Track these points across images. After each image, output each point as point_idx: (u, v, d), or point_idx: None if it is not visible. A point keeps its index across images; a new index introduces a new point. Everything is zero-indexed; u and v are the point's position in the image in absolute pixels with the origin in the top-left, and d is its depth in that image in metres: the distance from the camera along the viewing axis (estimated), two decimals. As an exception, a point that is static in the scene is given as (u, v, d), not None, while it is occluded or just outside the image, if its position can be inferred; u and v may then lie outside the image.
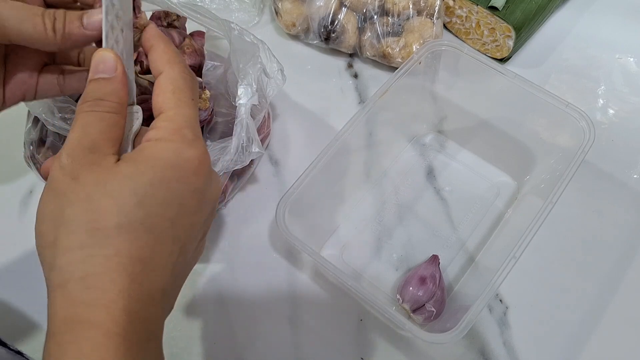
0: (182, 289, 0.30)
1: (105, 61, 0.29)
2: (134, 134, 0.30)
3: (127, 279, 0.25)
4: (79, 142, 0.27)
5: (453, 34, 0.64)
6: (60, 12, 0.31)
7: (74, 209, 0.26)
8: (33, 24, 0.30)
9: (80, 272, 0.25)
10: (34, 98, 0.35)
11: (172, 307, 0.30)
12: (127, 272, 0.25)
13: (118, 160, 0.27)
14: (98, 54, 0.29)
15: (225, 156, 0.42)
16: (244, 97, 0.42)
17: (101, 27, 0.30)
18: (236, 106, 0.43)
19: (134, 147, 0.30)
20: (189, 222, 0.28)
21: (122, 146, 0.30)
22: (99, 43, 0.31)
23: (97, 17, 0.30)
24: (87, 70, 0.36)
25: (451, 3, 0.61)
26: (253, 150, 0.42)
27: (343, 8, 0.58)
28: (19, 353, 0.44)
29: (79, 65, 0.37)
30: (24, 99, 0.34)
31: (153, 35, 0.31)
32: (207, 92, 0.45)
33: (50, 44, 0.31)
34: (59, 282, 0.25)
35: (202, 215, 0.29)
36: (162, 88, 0.29)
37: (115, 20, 0.30)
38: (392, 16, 0.58)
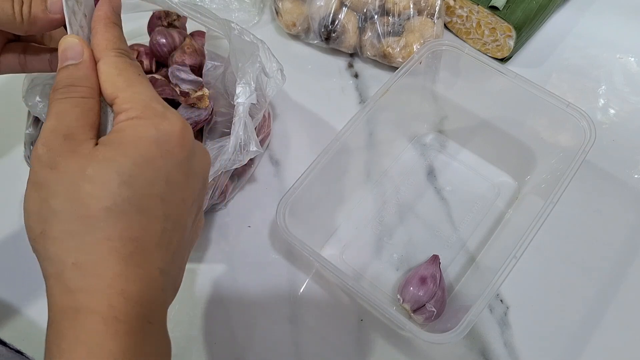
0: (182, 289, 0.29)
1: (72, 47, 0.29)
2: (111, 123, 0.30)
3: (122, 262, 0.25)
4: (54, 131, 0.27)
5: (454, 33, 0.64)
6: None
7: (58, 199, 0.25)
8: (2, 8, 0.30)
9: (73, 259, 0.25)
10: None
11: (176, 290, 0.30)
12: (120, 255, 0.25)
13: (96, 144, 0.27)
14: (64, 41, 0.29)
15: (223, 155, 0.41)
16: (242, 95, 0.42)
17: (63, 10, 0.30)
18: (235, 105, 0.43)
19: None
20: (179, 198, 0.28)
21: (101, 134, 0.29)
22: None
23: None
24: (49, 51, 0.36)
25: (452, 3, 0.61)
26: (251, 149, 0.42)
27: (343, 8, 0.58)
28: (19, 352, 0.44)
29: (42, 43, 0.37)
30: None
31: (97, 19, 0.31)
32: (206, 90, 0.45)
33: (18, 28, 0.31)
34: (52, 271, 0.25)
35: (192, 189, 0.29)
36: (106, 75, 0.29)
37: (76, 5, 0.30)
38: (393, 16, 0.58)
